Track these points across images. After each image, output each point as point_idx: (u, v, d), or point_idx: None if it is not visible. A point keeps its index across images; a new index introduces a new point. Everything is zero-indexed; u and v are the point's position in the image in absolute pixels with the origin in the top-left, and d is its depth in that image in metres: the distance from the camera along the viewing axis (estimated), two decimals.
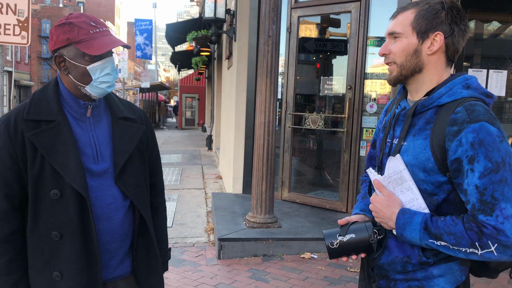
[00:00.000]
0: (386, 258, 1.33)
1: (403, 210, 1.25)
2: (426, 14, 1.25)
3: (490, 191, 1.12)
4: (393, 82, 1.34)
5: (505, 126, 5.36)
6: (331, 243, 1.33)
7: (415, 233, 1.21)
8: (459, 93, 1.23)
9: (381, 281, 1.37)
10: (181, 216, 5.64)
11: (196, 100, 26.49)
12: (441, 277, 1.27)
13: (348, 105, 5.04)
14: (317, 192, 5.66)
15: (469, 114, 1.17)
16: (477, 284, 3.59)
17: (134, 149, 1.53)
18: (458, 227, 1.16)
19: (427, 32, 1.26)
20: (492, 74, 5.03)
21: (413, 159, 1.25)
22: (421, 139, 1.25)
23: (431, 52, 1.27)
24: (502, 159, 1.13)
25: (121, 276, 1.55)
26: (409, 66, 1.29)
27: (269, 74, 4.33)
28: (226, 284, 3.56)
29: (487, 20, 5.25)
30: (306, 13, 5.44)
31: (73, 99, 1.46)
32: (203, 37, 8.71)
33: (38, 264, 1.41)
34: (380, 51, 1.34)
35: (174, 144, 15.55)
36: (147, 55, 24.95)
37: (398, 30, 1.29)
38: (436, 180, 1.23)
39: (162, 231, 1.73)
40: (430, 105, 1.26)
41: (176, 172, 9.05)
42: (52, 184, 1.37)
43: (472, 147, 1.14)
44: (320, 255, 4.20)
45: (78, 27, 1.39)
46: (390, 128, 1.38)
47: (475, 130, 1.14)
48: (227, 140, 7.06)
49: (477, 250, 1.14)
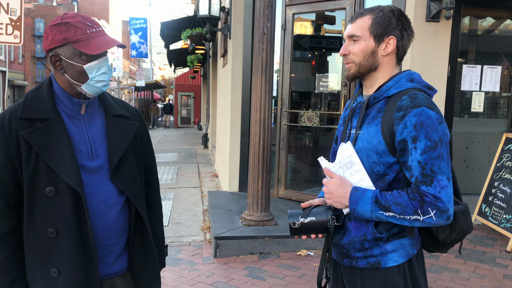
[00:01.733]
0: (346, 239, 1.50)
1: (355, 188, 1.42)
2: (381, 20, 1.44)
3: (430, 165, 1.32)
4: (351, 78, 1.52)
5: (499, 122, 5.38)
6: (293, 223, 1.49)
7: (367, 206, 1.38)
8: (404, 85, 1.43)
9: (345, 259, 1.53)
10: (177, 215, 5.63)
11: (191, 98, 26.43)
12: (394, 252, 1.44)
13: (343, 102, 5.04)
14: (313, 189, 5.67)
15: (412, 101, 1.36)
16: (472, 279, 3.61)
17: (128, 145, 1.54)
18: (404, 198, 1.35)
19: (382, 36, 1.44)
20: (486, 69, 5.05)
21: (367, 144, 1.43)
22: (374, 126, 1.43)
23: (385, 53, 1.46)
24: (440, 138, 1.33)
25: (117, 272, 1.56)
26: (366, 65, 1.47)
27: (264, 71, 4.32)
28: (223, 282, 3.56)
29: (482, 16, 5.26)
30: (300, 10, 5.44)
31: (67, 98, 1.47)
32: (198, 35, 8.68)
33: (35, 262, 1.42)
34: (341, 52, 1.50)
35: (170, 142, 15.52)
36: (142, 54, 24.86)
37: (358, 33, 1.45)
38: (387, 161, 1.41)
39: (158, 228, 1.75)
40: (380, 97, 1.45)
41: (172, 171, 9.03)
42: (47, 182, 1.38)
43: (415, 128, 1.33)
44: (316, 252, 4.20)
45: (75, 27, 1.40)
46: (348, 120, 1.56)
47: (417, 114, 1.34)
48: (223, 138, 7.05)
49: (419, 216, 1.33)
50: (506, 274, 3.75)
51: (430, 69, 4.55)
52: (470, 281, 3.58)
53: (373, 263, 1.45)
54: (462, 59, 5.14)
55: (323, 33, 5.84)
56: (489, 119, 5.41)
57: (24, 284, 1.43)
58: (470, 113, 5.24)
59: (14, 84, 34.73)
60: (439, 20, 4.59)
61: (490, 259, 4.06)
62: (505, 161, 4.65)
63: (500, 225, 4.43)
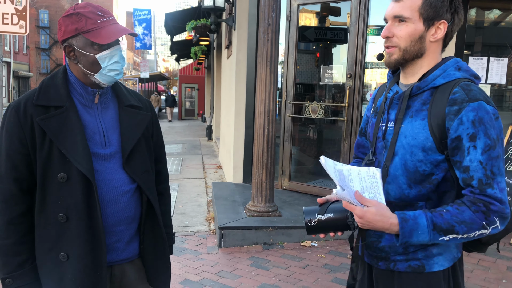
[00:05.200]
0: (387, 241, 1.35)
1: (403, 218, 1.21)
2: (434, 1, 1.26)
3: (490, 166, 1.18)
4: (393, 64, 1.34)
5: (505, 114, 5.36)
6: (310, 221, 1.36)
7: (424, 236, 1.20)
8: (452, 75, 1.27)
9: (380, 262, 1.39)
10: (181, 205, 5.67)
11: (195, 90, 26.39)
12: (440, 255, 1.31)
13: (348, 94, 5.03)
14: (317, 181, 5.68)
15: (467, 94, 1.21)
16: (476, 271, 3.62)
17: (141, 136, 1.57)
18: (466, 213, 1.18)
19: (433, 20, 1.27)
20: (492, 62, 5.01)
21: (413, 140, 1.27)
22: (419, 120, 1.28)
23: (434, 39, 1.29)
24: (497, 136, 1.20)
25: (128, 258, 1.58)
26: (412, 51, 1.30)
27: (269, 62, 4.31)
28: (227, 272, 3.59)
29: (488, 7, 5.21)
30: (306, 1, 5.40)
31: (81, 87, 1.50)
32: (202, 26, 8.64)
33: (45, 246, 1.44)
34: (383, 33, 1.32)
35: (174, 134, 15.54)
36: (146, 45, 24.83)
37: (406, 14, 1.27)
38: (434, 159, 1.26)
39: (167, 216, 1.79)
40: (425, 87, 1.29)
41: (176, 162, 9.06)
42: (60, 168, 1.41)
43: (473, 125, 1.18)
44: (320, 243, 4.23)
45: (86, 17, 1.42)
46: (383, 112, 1.39)
47: (474, 108, 1.19)
48: (227, 130, 7.06)
49: (486, 229, 1.18)
50: (509, 266, 3.76)
51: None
52: (474, 273, 3.60)
53: (415, 266, 1.31)
54: (468, 51, 5.11)
55: (328, 24, 5.81)
56: None
57: (33, 268, 1.45)
58: None
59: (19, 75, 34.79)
60: None
61: (494, 252, 4.06)
62: (510, 154, 4.64)
63: None
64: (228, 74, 7.27)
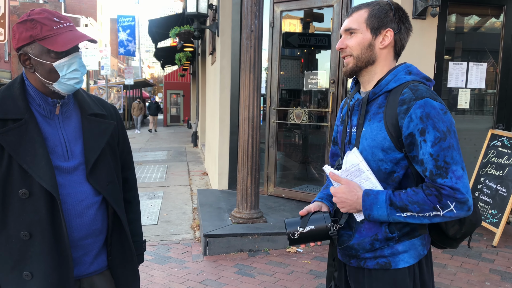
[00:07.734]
0: (355, 240, 1.46)
1: (367, 192, 1.37)
2: (377, 13, 1.42)
3: (442, 156, 1.29)
4: (349, 73, 1.47)
5: (486, 118, 5.45)
6: (292, 234, 1.45)
7: (382, 210, 1.34)
8: (403, 78, 1.40)
9: (352, 260, 1.49)
10: (166, 213, 5.61)
11: (181, 96, 26.30)
12: (406, 252, 1.40)
13: (331, 99, 5.06)
14: (303, 187, 5.68)
15: (414, 93, 1.33)
16: (459, 274, 3.66)
17: (105, 145, 1.52)
18: (420, 195, 1.31)
19: (379, 29, 1.42)
20: (472, 66, 5.10)
21: (372, 141, 1.39)
22: (376, 122, 1.39)
23: (383, 46, 1.43)
24: (447, 128, 1.30)
25: (96, 271, 1.55)
26: (364, 58, 1.43)
27: (252, 68, 4.31)
28: (212, 280, 3.55)
29: (467, 13, 5.31)
30: (288, 7, 5.44)
31: (40, 97, 1.43)
32: (186, 32, 8.64)
33: (7, 265, 1.38)
34: (338, 46, 1.48)
35: (159, 141, 15.43)
36: (130, 52, 24.69)
37: (354, 26, 1.43)
38: (394, 157, 1.37)
39: (136, 224, 1.75)
40: (380, 92, 1.42)
41: (161, 170, 8.98)
42: (21, 184, 1.34)
43: (421, 120, 1.30)
44: (305, 249, 4.22)
45: (41, 23, 1.36)
46: (347, 119, 1.51)
47: (421, 105, 1.30)
48: (212, 136, 7.03)
49: (439, 211, 1.29)
50: (492, 268, 3.80)
51: (416, 66, 4.50)
52: (457, 276, 3.63)
53: (383, 263, 1.41)
54: (448, 56, 5.19)
55: (312, 30, 5.85)
56: (475, 116, 5.47)
57: None
58: (457, 110, 5.30)
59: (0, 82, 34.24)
60: (425, 17, 4.63)
61: (477, 254, 4.11)
62: (490, 157, 4.71)
63: (486, 220, 4.49)
64: (212, 80, 7.25)
